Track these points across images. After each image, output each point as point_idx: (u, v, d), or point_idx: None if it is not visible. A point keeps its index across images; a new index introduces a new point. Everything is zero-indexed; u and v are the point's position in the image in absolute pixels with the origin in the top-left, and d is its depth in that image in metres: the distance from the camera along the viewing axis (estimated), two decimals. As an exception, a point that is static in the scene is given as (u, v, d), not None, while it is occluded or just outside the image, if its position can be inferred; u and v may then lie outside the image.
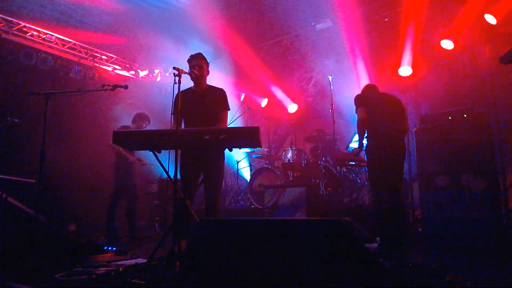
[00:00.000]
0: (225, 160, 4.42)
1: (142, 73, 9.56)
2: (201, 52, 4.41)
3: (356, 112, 4.72)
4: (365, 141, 4.77)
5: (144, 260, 3.43)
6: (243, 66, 9.40)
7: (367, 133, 4.66)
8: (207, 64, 4.41)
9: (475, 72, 6.73)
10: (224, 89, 4.47)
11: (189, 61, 4.35)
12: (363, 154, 5.08)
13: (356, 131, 4.82)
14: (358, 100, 4.71)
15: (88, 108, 7.89)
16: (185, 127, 4.28)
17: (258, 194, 7.41)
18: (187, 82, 4.17)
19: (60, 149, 7.23)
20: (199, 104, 4.21)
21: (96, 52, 8.67)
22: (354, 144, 7.32)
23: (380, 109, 4.60)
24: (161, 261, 3.27)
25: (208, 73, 4.42)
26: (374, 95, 4.74)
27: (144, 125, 6.68)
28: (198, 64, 4.27)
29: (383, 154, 4.47)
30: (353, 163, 6.06)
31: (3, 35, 7.17)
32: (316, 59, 8.90)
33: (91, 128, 7.80)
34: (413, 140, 5.22)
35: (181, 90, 3.74)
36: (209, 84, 4.43)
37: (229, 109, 4.33)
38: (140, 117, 6.76)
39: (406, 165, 6.34)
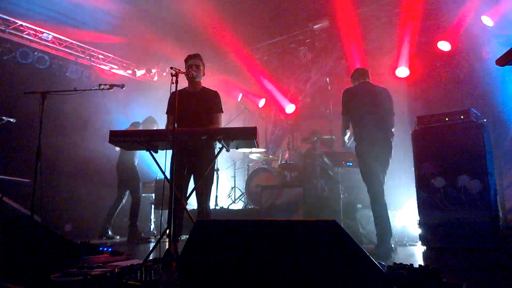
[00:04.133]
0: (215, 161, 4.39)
1: (139, 73, 9.54)
2: (199, 52, 4.39)
3: (341, 113, 4.84)
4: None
5: (140, 261, 3.42)
6: (240, 66, 9.40)
7: (354, 136, 4.74)
8: (204, 65, 4.38)
9: (472, 74, 6.75)
10: (222, 89, 4.46)
11: (186, 60, 4.31)
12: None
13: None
14: (344, 103, 4.79)
15: (84, 107, 7.87)
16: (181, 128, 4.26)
17: (255, 195, 7.40)
18: (183, 82, 4.15)
19: (56, 149, 7.22)
20: (193, 105, 4.18)
21: (93, 51, 8.65)
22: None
23: (365, 111, 4.63)
24: (157, 262, 3.26)
25: (204, 74, 4.40)
26: (360, 96, 4.77)
27: (155, 127, 6.76)
28: (195, 64, 4.24)
29: (370, 155, 4.51)
30: (350, 163, 6.06)
31: (0, 34, 7.14)
32: (313, 59, 8.91)
33: (87, 128, 7.78)
34: (410, 141, 5.22)
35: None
36: (204, 86, 4.42)
37: (222, 112, 4.31)
38: (150, 121, 6.80)
39: (402, 166, 6.34)
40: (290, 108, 9.40)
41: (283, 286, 1.96)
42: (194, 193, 4.01)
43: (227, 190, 8.48)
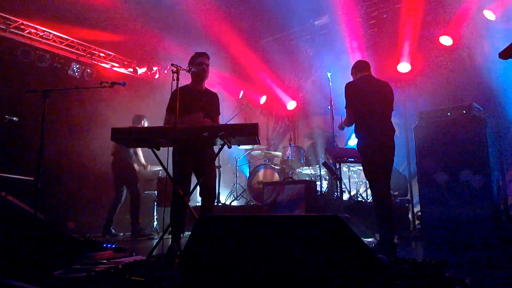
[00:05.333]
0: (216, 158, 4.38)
1: (141, 71, 9.53)
2: (199, 49, 4.38)
3: (345, 107, 4.74)
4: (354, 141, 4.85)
5: (143, 258, 3.43)
6: (241, 63, 9.39)
7: (357, 132, 4.65)
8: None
9: (474, 68, 6.73)
10: (223, 86, 4.46)
11: (195, 57, 4.26)
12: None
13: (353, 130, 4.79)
14: (347, 97, 4.70)
15: (86, 105, 7.88)
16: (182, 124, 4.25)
17: (257, 191, 7.41)
18: (184, 79, 4.14)
19: (58, 147, 7.23)
20: (195, 104, 4.17)
21: (94, 49, 8.64)
22: (352, 141, 7.31)
23: (368, 106, 4.58)
24: (160, 258, 3.27)
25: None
26: (364, 89, 4.70)
27: (144, 123, 6.84)
28: (205, 63, 4.22)
29: (375, 151, 4.47)
30: (352, 159, 6.05)
31: (1, 33, 7.15)
32: (314, 55, 8.89)
33: (89, 126, 7.79)
34: (412, 136, 5.20)
35: (179, 86, 3.72)
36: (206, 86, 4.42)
37: (220, 114, 4.35)
38: (138, 118, 6.90)
39: (405, 162, 6.34)
40: (291, 104, 9.39)
41: (286, 281, 1.97)
42: (197, 190, 4.02)
43: (229, 187, 8.49)
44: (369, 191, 6.52)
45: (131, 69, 9.49)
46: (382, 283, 1.95)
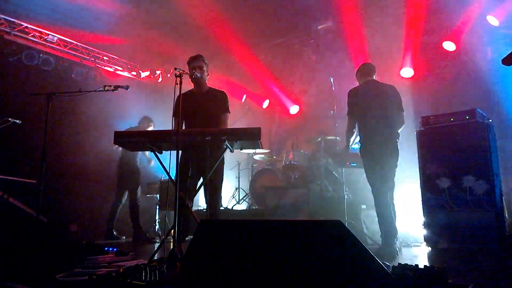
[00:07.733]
0: (224, 162, 4.37)
1: (144, 74, 9.57)
2: (203, 53, 4.40)
3: (346, 114, 4.79)
4: (356, 145, 4.91)
5: (145, 261, 3.42)
6: (244, 67, 9.40)
7: (359, 136, 4.69)
8: (207, 65, 4.38)
9: (477, 74, 6.72)
10: (226, 90, 4.46)
11: (189, 63, 4.32)
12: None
13: (358, 134, 4.82)
14: (349, 104, 4.74)
15: (89, 108, 7.90)
16: (185, 129, 4.26)
17: (259, 195, 7.40)
18: (188, 84, 4.16)
19: (61, 150, 7.25)
20: (200, 106, 4.19)
21: (98, 53, 8.68)
22: (355, 146, 7.28)
23: (370, 112, 4.59)
24: (162, 262, 3.26)
25: (208, 74, 4.40)
26: (366, 95, 4.71)
27: (150, 127, 6.83)
28: (198, 66, 4.25)
29: (375, 157, 4.47)
30: (355, 164, 6.04)
31: (5, 36, 7.19)
32: (318, 60, 8.89)
33: (92, 129, 7.81)
34: (415, 141, 5.19)
35: (182, 92, 3.74)
36: (210, 86, 4.42)
37: (229, 112, 4.31)
38: (146, 120, 6.89)
39: (407, 167, 6.32)
40: (294, 109, 9.39)
41: (288, 287, 1.96)
42: (201, 193, 4.02)
43: (232, 191, 8.48)
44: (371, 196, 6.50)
45: (134, 73, 9.53)
46: (385, 289, 1.94)
